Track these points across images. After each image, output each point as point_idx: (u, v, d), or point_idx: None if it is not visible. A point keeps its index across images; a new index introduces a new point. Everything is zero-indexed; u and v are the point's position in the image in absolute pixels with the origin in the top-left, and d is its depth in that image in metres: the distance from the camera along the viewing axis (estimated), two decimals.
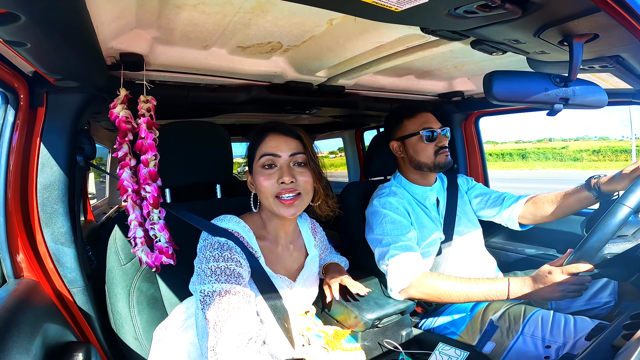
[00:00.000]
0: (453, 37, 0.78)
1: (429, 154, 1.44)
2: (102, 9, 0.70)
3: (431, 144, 1.43)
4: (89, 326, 1.02)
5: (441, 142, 1.44)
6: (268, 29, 0.92)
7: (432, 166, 1.44)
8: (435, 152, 1.43)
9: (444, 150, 1.44)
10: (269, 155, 0.97)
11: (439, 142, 1.43)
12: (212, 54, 1.07)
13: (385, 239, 1.31)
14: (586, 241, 0.86)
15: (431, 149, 1.43)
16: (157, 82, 1.17)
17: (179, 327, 0.98)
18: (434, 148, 1.43)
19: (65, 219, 0.97)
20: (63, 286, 0.97)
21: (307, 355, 0.99)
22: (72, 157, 0.99)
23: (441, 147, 1.43)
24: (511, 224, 1.48)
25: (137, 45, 0.92)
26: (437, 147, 1.43)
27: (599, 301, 1.37)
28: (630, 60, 0.78)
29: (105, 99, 1.00)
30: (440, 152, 1.44)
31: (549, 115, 0.82)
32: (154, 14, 0.81)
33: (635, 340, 0.54)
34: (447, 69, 1.39)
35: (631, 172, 1.06)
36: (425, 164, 1.44)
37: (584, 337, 1.05)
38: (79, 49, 0.69)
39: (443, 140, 1.44)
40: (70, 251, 0.97)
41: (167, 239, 1.00)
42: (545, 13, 0.59)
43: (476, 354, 1.20)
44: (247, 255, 0.92)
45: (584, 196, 1.24)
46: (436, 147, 1.43)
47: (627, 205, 0.86)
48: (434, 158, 1.44)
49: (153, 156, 0.98)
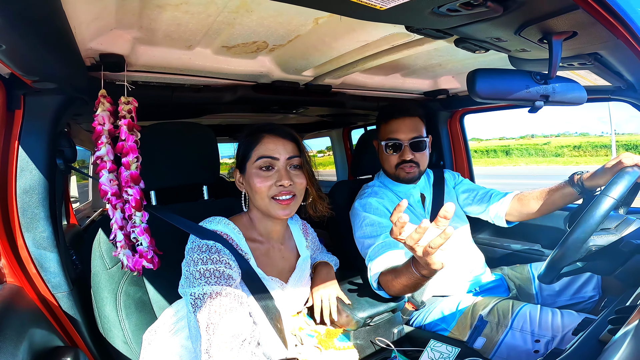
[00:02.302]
0: (437, 35, 0.79)
1: (391, 165, 1.43)
2: (79, 10, 0.68)
3: (394, 156, 1.42)
4: (76, 331, 1.01)
5: (404, 156, 1.40)
6: (253, 29, 0.91)
7: (393, 177, 1.44)
8: (396, 164, 1.42)
9: (406, 164, 1.41)
10: (267, 157, 0.97)
11: (402, 156, 1.40)
12: (196, 54, 1.05)
13: (366, 241, 1.31)
14: (572, 232, 0.88)
15: (394, 160, 1.42)
16: (140, 82, 1.15)
17: (169, 330, 0.97)
18: (396, 160, 1.42)
19: (46, 223, 0.95)
20: (47, 291, 0.96)
21: (300, 355, 0.99)
22: (52, 160, 0.96)
23: (404, 161, 1.41)
24: (498, 221, 1.49)
25: (117, 46, 0.90)
26: (399, 160, 1.41)
27: (584, 295, 1.40)
28: (608, 57, 0.80)
29: (85, 100, 0.98)
30: (401, 165, 1.41)
31: (531, 112, 0.84)
32: (135, 14, 0.79)
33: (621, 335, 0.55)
34: (432, 67, 1.40)
35: (612, 166, 1.09)
36: (388, 173, 1.44)
37: (571, 332, 1.07)
38: (56, 50, 0.68)
39: (407, 154, 1.40)
40: (53, 256, 0.96)
41: (148, 242, 0.98)
42: (525, 11, 0.60)
43: (467, 350, 1.22)
44: (236, 257, 0.92)
45: (567, 192, 1.26)
46: (399, 159, 1.41)
47: (610, 197, 0.87)
48: (394, 170, 1.43)
49: (135, 158, 0.96)
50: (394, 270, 1.07)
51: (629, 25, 0.61)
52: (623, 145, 21.45)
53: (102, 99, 0.93)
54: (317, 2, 0.62)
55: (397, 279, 1.05)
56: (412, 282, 0.99)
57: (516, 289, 1.52)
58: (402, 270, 1.01)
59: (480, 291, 1.48)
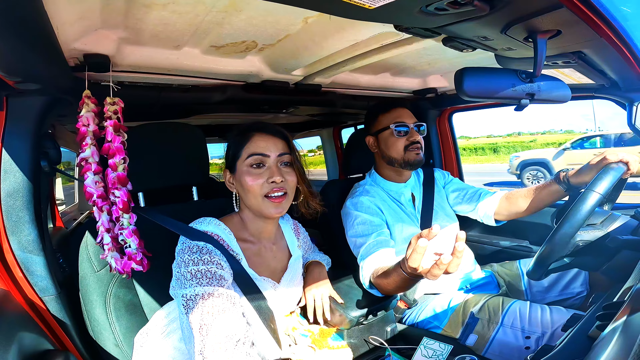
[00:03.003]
0: (425, 34, 0.80)
1: (399, 149, 1.43)
2: (62, 10, 0.67)
3: (402, 139, 1.43)
4: (66, 334, 0.99)
5: (412, 137, 1.43)
6: (242, 28, 0.90)
7: (402, 162, 1.44)
8: (405, 147, 1.43)
9: (415, 145, 1.43)
10: (258, 155, 0.97)
11: (410, 137, 1.43)
12: (184, 54, 1.04)
13: (357, 240, 1.31)
14: (560, 227, 0.89)
15: (401, 143, 1.43)
16: (126, 83, 1.14)
17: (161, 333, 0.96)
18: (404, 143, 1.43)
19: (31, 226, 0.93)
20: (35, 295, 0.94)
21: (294, 355, 0.99)
22: (36, 162, 0.95)
23: (412, 143, 1.43)
24: (487, 220, 1.51)
25: (102, 46, 0.88)
26: (407, 142, 1.43)
27: (572, 291, 1.42)
28: (591, 56, 0.81)
29: (70, 101, 0.96)
30: (410, 147, 1.43)
31: (517, 110, 0.85)
32: (121, 14, 0.78)
33: (610, 332, 0.55)
34: (421, 66, 1.41)
35: (597, 163, 1.11)
36: (396, 160, 1.44)
37: (561, 328, 1.09)
38: (38, 50, 0.67)
39: (415, 135, 1.43)
40: (39, 259, 0.94)
41: (137, 244, 0.97)
42: (511, 10, 0.61)
43: (460, 347, 1.23)
44: (227, 258, 0.91)
45: (554, 189, 1.28)
46: (407, 141, 1.43)
47: (596, 192, 0.89)
48: (403, 154, 1.43)
49: (122, 160, 0.94)
50: (385, 271, 1.08)
51: (612, 24, 0.62)
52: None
53: (87, 100, 0.92)
54: (307, 2, 0.62)
55: (387, 279, 1.05)
56: (403, 282, 0.99)
57: (506, 286, 1.54)
58: (391, 271, 1.02)
59: (471, 288, 1.49)
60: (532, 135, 32.73)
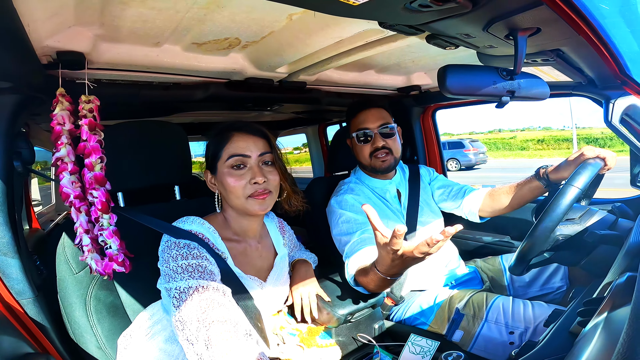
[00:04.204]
0: (409, 31, 0.80)
1: (365, 156, 1.44)
2: (33, 7, 0.65)
3: (366, 145, 1.43)
4: (46, 337, 0.96)
5: (375, 144, 1.42)
6: (225, 25, 0.88)
7: (370, 168, 1.45)
8: (370, 153, 1.43)
9: (379, 152, 1.42)
10: (238, 155, 0.96)
11: (374, 144, 1.42)
12: (164, 51, 1.02)
13: (342, 238, 1.31)
14: (540, 222, 0.90)
15: (367, 150, 1.43)
16: (104, 80, 1.10)
17: (145, 334, 0.93)
18: (369, 149, 1.43)
19: (5, 228, 0.90)
20: (11, 298, 0.92)
21: (282, 355, 0.98)
22: (9, 162, 0.91)
23: (377, 149, 1.42)
24: (471, 216, 1.52)
25: (76, 43, 0.86)
26: (372, 149, 1.43)
27: (552, 286, 1.46)
28: (569, 54, 0.83)
29: (43, 99, 0.93)
30: (375, 154, 1.42)
31: (498, 107, 0.87)
32: (96, 11, 0.75)
33: (592, 328, 0.56)
34: (405, 63, 1.42)
35: (575, 159, 1.14)
36: (365, 166, 1.45)
37: (543, 323, 1.11)
38: (7, 48, 0.65)
39: (378, 141, 1.42)
40: (14, 262, 0.91)
41: (118, 245, 0.94)
42: (493, 7, 0.62)
43: (446, 343, 1.25)
44: (213, 256, 0.90)
45: (534, 186, 1.31)
46: (371, 148, 1.43)
47: (575, 186, 0.91)
48: (369, 160, 1.44)
49: (98, 159, 0.92)
50: (363, 269, 1.08)
51: (590, 22, 0.64)
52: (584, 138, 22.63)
53: (61, 98, 0.89)
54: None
55: (367, 277, 1.05)
56: (380, 281, 0.99)
57: (489, 281, 1.57)
58: (369, 270, 1.02)
59: (456, 284, 1.52)
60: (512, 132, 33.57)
